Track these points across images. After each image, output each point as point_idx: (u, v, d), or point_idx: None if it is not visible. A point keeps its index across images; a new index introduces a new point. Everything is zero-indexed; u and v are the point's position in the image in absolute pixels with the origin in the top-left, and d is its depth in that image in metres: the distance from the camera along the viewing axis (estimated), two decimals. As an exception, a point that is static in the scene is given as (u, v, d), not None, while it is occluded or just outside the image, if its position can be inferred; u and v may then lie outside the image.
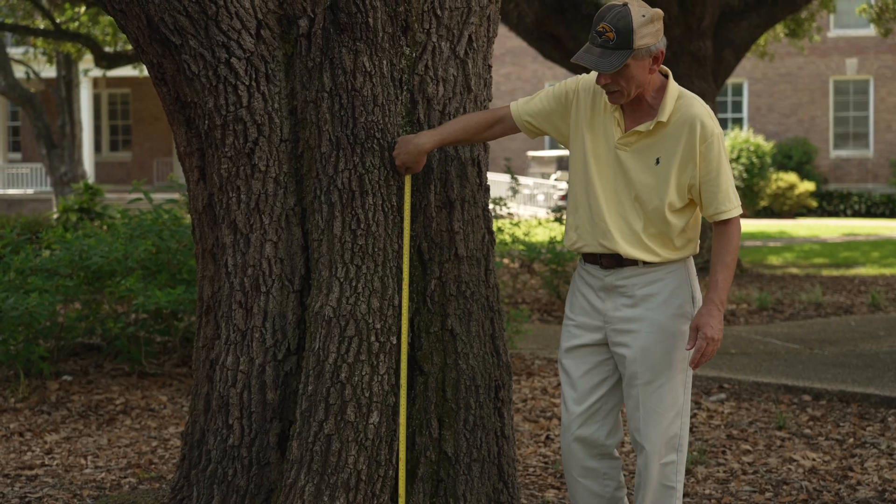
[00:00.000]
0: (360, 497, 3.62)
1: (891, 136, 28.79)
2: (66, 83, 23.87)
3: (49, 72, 26.01)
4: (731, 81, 28.65)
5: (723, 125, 28.65)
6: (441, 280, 3.81)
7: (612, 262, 3.53)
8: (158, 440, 5.71)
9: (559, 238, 10.84)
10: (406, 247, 3.72)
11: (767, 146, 26.74)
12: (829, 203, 27.39)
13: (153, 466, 5.22)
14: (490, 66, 4.00)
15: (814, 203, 26.80)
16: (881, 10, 16.53)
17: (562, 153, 26.46)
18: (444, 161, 3.81)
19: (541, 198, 25.34)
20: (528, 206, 24.48)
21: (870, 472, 5.05)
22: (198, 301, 3.98)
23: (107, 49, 19.01)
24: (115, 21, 3.82)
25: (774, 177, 26.38)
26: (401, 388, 3.71)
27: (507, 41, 26.53)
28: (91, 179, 25.83)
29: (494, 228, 8.56)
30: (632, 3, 3.35)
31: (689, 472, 5.04)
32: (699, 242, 3.61)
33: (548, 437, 5.72)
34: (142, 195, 8.16)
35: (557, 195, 24.27)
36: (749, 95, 29.44)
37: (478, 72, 3.92)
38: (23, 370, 6.88)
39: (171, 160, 32.92)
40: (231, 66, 3.68)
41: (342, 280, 3.66)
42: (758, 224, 23.88)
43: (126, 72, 25.37)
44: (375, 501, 3.65)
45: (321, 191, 3.70)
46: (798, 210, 26.70)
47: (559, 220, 11.44)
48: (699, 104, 3.46)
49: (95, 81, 30.61)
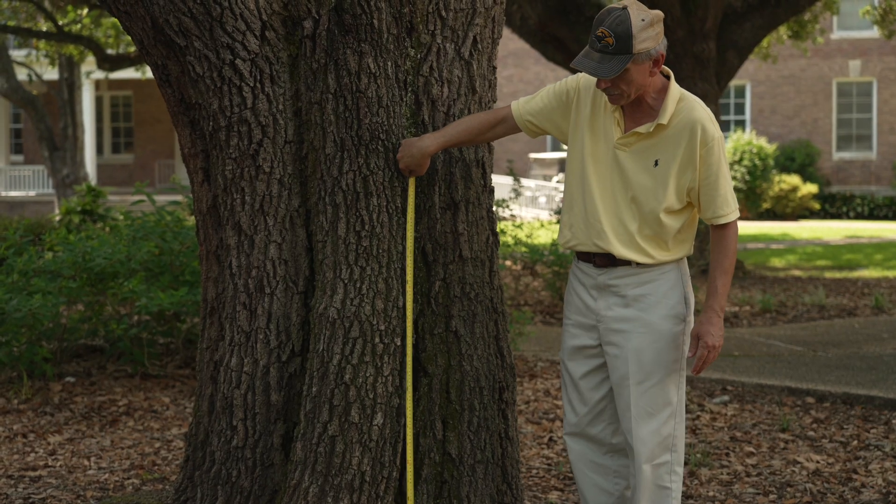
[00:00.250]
0: (364, 498, 3.62)
1: (894, 139, 28.76)
2: (69, 85, 23.90)
3: (51, 74, 26.04)
4: (734, 83, 28.64)
5: (725, 127, 28.64)
6: (445, 281, 3.81)
7: (606, 262, 3.54)
8: (161, 441, 5.70)
9: (561, 240, 10.82)
10: (410, 248, 3.72)
11: (770, 148, 26.74)
12: (832, 205, 27.37)
13: (156, 468, 5.22)
14: (495, 68, 3.99)
15: (816, 205, 26.79)
16: (885, 12, 16.52)
17: (563, 155, 26.31)
18: (449, 162, 3.81)
19: (542, 200, 25.32)
20: (530, 209, 24.47)
21: (874, 475, 5.04)
22: (202, 302, 3.98)
23: (109, 51, 19.02)
24: (120, 23, 3.82)
25: (777, 179, 26.37)
26: (407, 391, 3.70)
27: (510, 43, 26.55)
28: (93, 181, 25.81)
29: (497, 230, 8.55)
30: (631, 7, 3.33)
31: (693, 474, 5.03)
32: (693, 244, 3.61)
33: (551, 439, 5.71)
34: (145, 197, 8.17)
35: (559, 197, 24.25)
36: (752, 97, 29.44)
37: (482, 73, 3.91)
38: (26, 371, 6.88)
39: (173, 162, 32.93)
40: (236, 68, 3.67)
41: (346, 281, 3.66)
42: (760, 226, 23.86)
43: (128, 74, 25.40)
44: (379, 503, 3.65)
45: (325, 192, 3.70)
46: (801, 212, 26.69)
47: (560, 223, 11.41)
48: (700, 107, 3.46)
49: (97, 84, 30.65)
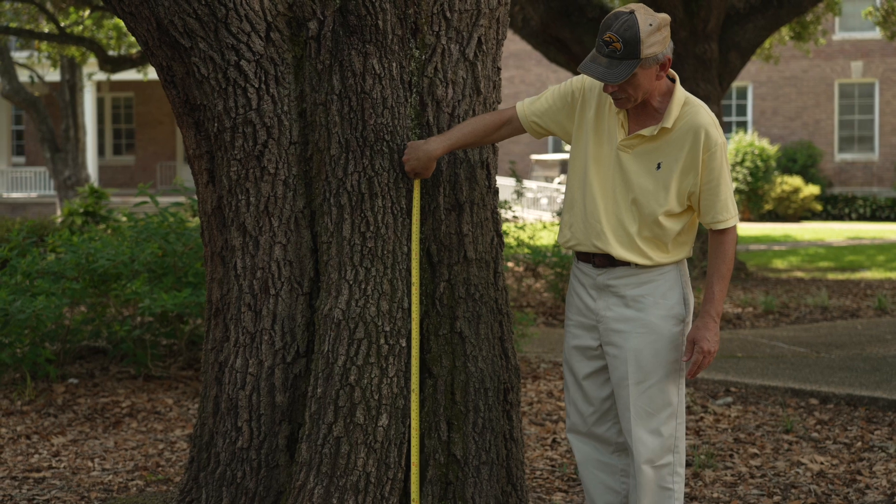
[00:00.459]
0: (370, 499, 3.61)
1: None
2: (70, 87, 23.90)
3: (53, 76, 26.04)
4: (736, 85, 28.64)
5: (727, 128, 28.64)
6: (450, 283, 3.81)
7: (605, 262, 3.54)
8: (165, 443, 5.70)
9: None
10: (415, 249, 3.72)
11: (772, 149, 26.72)
12: (834, 207, 27.36)
13: (160, 469, 5.22)
14: (499, 69, 3.99)
15: (818, 206, 26.78)
16: (887, 13, 16.51)
17: (565, 157, 26.43)
18: (454, 164, 3.81)
19: (544, 201, 25.30)
20: (532, 210, 24.46)
21: (878, 476, 5.04)
22: (207, 303, 3.98)
23: (111, 52, 19.02)
24: (125, 24, 3.81)
25: (779, 180, 26.36)
26: (412, 392, 3.70)
27: (511, 44, 26.54)
28: (94, 183, 25.81)
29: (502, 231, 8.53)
30: (638, 11, 3.32)
31: (697, 476, 5.03)
32: (693, 247, 3.61)
33: (554, 441, 5.71)
34: (148, 198, 8.17)
35: (560, 199, 24.24)
36: (754, 98, 29.43)
37: (487, 74, 3.91)
38: (29, 373, 6.89)
39: (175, 164, 32.93)
40: (241, 69, 3.67)
41: (351, 282, 3.66)
42: (762, 227, 23.85)
43: (129, 76, 25.42)
44: (384, 504, 3.65)
45: (330, 193, 3.69)
46: (803, 214, 26.68)
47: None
48: (705, 112, 3.46)
49: (99, 85, 30.63)
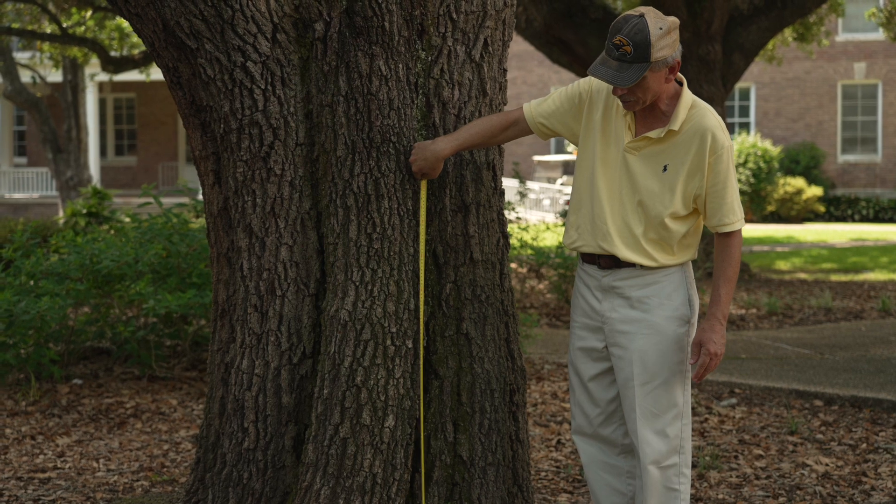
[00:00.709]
0: (376, 500, 3.61)
1: (898, 141, 28.76)
2: (73, 88, 23.90)
3: (55, 76, 26.04)
4: (739, 86, 28.64)
5: (730, 130, 28.60)
6: (456, 284, 3.81)
7: (610, 263, 3.55)
8: (170, 443, 5.70)
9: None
10: (421, 250, 3.72)
11: (775, 151, 26.71)
12: (837, 208, 27.35)
13: (165, 470, 5.22)
14: (505, 70, 3.99)
15: (821, 208, 26.76)
16: (890, 14, 16.50)
17: (567, 158, 26.44)
18: (460, 165, 3.81)
19: (546, 202, 25.30)
20: (535, 211, 24.46)
21: (884, 478, 5.03)
22: (213, 304, 3.98)
23: (113, 53, 19.03)
24: (131, 25, 3.81)
25: (782, 181, 26.35)
26: (418, 393, 3.70)
27: (513, 45, 26.54)
28: (96, 184, 25.84)
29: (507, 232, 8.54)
30: (648, 15, 3.32)
31: (702, 477, 5.03)
32: (698, 249, 3.62)
33: (559, 442, 5.71)
34: (151, 199, 8.17)
35: (563, 200, 24.23)
36: (756, 100, 29.42)
37: (493, 75, 3.91)
38: (33, 373, 6.89)
39: (177, 164, 32.94)
40: (247, 70, 3.67)
41: (358, 284, 3.66)
42: (765, 229, 23.84)
43: (131, 76, 25.40)
44: (390, 505, 3.64)
45: (337, 194, 3.70)
46: (805, 215, 26.66)
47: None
48: (712, 115, 3.47)
49: (101, 86, 30.64)
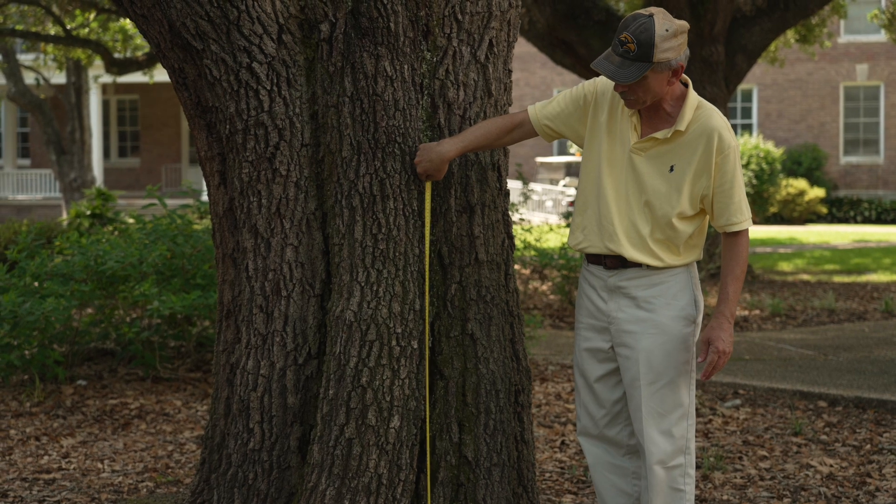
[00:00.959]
0: (381, 501, 3.62)
1: (901, 143, 28.74)
2: (76, 89, 23.91)
3: (59, 78, 26.05)
4: (741, 87, 28.60)
5: (733, 131, 28.55)
6: (461, 284, 3.81)
7: (616, 263, 3.56)
8: (174, 444, 5.71)
9: (571, 244, 10.82)
10: (427, 251, 3.73)
11: (777, 152, 26.68)
12: (839, 209, 27.32)
13: (170, 470, 5.22)
14: (510, 71, 4.00)
15: (824, 209, 26.74)
16: (892, 16, 16.50)
17: (570, 159, 26.43)
18: (465, 166, 3.82)
19: (549, 204, 25.31)
20: (538, 212, 24.46)
21: (888, 479, 5.03)
22: (218, 305, 3.99)
23: (117, 55, 19.04)
24: (137, 26, 3.82)
25: (784, 183, 26.33)
26: (424, 394, 3.70)
27: (516, 47, 26.50)
28: (100, 185, 25.85)
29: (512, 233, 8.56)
30: (657, 15, 3.33)
31: (707, 478, 5.03)
32: (702, 249, 3.63)
33: (563, 443, 5.71)
34: (155, 200, 8.18)
35: (566, 201, 24.22)
36: (759, 101, 29.41)
37: (498, 76, 3.92)
38: (38, 374, 6.89)
39: (180, 166, 32.95)
40: (252, 71, 3.68)
41: (363, 284, 3.66)
42: (768, 230, 23.83)
43: (135, 78, 25.39)
44: (396, 506, 3.65)
45: (342, 195, 3.70)
46: (808, 216, 26.64)
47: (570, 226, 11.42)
48: (718, 116, 3.48)
49: (104, 87, 30.63)
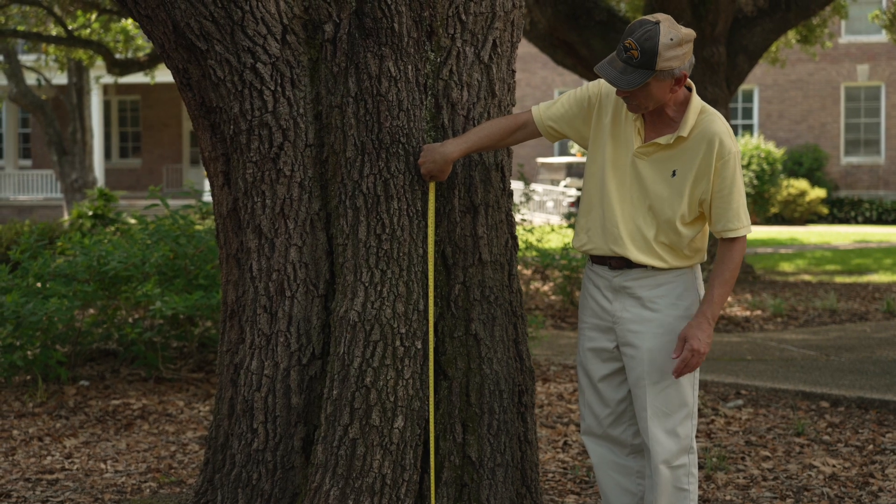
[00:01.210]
0: (385, 501, 3.62)
1: (902, 143, 28.73)
2: (78, 90, 23.91)
3: (60, 79, 26.05)
4: (742, 88, 28.59)
5: (733, 132, 28.47)
6: (465, 285, 3.82)
7: (621, 264, 3.57)
8: (177, 445, 5.71)
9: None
10: (430, 251, 3.73)
11: (778, 153, 26.69)
12: (840, 210, 27.32)
13: (173, 471, 5.22)
14: (514, 71, 4.00)
15: (825, 210, 26.73)
16: (893, 17, 16.50)
17: (571, 160, 26.42)
18: (468, 166, 3.82)
19: (550, 204, 25.31)
20: (539, 213, 24.46)
21: (891, 479, 5.03)
22: (222, 305, 3.99)
23: (118, 56, 19.05)
24: (141, 27, 3.83)
25: (785, 183, 26.33)
26: (429, 395, 3.71)
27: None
28: (101, 186, 25.85)
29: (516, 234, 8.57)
30: (664, 23, 3.33)
31: (710, 478, 5.03)
32: (706, 251, 3.64)
33: (565, 443, 5.71)
34: (158, 201, 8.19)
35: (567, 202, 24.23)
36: (760, 102, 29.41)
37: (502, 76, 3.92)
38: (40, 375, 6.90)
39: (181, 167, 32.96)
40: (256, 71, 3.68)
41: (367, 284, 3.67)
42: (769, 231, 23.83)
43: (136, 79, 25.40)
44: (399, 506, 3.65)
45: (346, 195, 3.70)
46: (809, 217, 26.64)
47: (572, 227, 11.45)
48: (720, 121, 3.49)
49: (105, 88, 30.65)
